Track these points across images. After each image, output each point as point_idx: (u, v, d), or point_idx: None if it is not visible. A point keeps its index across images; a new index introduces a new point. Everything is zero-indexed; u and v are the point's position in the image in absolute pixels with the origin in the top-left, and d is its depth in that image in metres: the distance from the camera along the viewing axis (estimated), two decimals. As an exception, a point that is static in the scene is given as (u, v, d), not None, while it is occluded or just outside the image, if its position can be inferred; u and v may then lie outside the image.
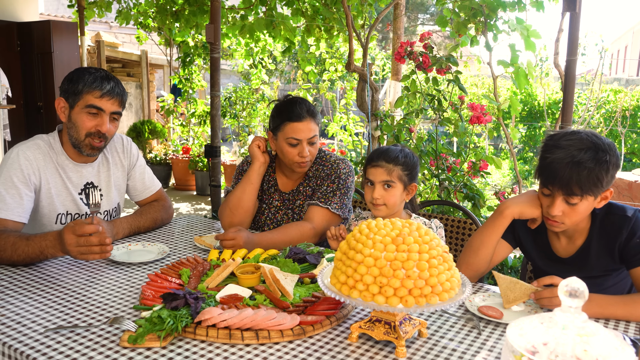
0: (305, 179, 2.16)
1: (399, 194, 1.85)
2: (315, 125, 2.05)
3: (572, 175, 1.43)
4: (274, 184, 2.20)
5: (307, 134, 2.01)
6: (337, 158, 2.15)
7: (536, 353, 0.78)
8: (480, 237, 1.66)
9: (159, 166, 7.31)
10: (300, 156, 2.02)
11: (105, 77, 1.88)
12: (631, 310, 1.39)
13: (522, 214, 1.61)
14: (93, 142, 1.90)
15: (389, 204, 1.85)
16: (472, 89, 10.10)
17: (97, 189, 2.04)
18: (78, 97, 1.86)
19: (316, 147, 2.08)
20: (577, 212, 1.50)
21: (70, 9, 6.79)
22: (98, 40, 8.18)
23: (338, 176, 2.08)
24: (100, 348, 1.16)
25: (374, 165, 1.85)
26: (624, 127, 7.81)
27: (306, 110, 2.02)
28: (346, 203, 2.08)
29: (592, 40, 6.17)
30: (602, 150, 1.44)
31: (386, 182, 1.83)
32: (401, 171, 1.83)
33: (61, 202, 1.95)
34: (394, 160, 1.83)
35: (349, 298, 1.16)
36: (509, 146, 3.56)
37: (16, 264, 1.67)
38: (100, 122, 1.88)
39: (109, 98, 1.87)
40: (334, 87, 7.78)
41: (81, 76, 1.86)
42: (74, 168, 1.97)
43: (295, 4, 4.91)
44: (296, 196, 2.16)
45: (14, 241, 1.64)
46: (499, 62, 3.07)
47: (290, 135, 2.01)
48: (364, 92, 4.01)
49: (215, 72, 4.03)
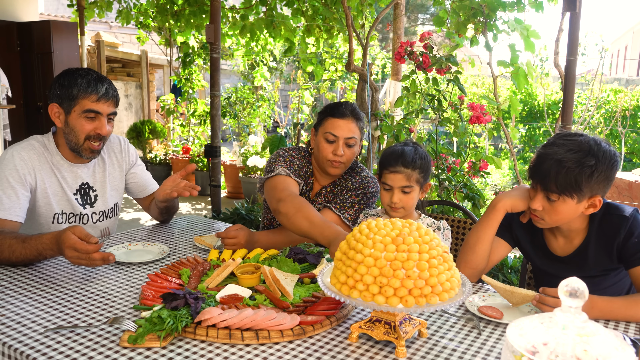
0: (331, 183, 2.11)
1: (417, 195, 1.85)
2: (357, 128, 2.00)
3: (550, 171, 1.47)
4: (310, 188, 2.13)
5: (346, 133, 1.97)
6: (368, 174, 2.10)
7: (536, 353, 0.78)
8: (476, 233, 1.67)
9: (159, 166, 7.31)
10: (334, 154, 1.97)
11: (99, 79, 1.87)
12: (633, 312, 1.39)
13: (514, 207, 1.63)
14: (92, 145, 1.90)
15: (407, 207, 1.84)
16: (472, 89, 10.10)
17: (92, 189, 2.04)
18: (74, 102, 1.85)
19: (353, 152, 2.02)
20: (556, 211, 1.51)
21: (70, 9, 6.79)
22: (98, 40, 8.18)
23: (364, 193, 2.04)
24: (100, 348, 1.16)
25: (393, 171, 1.81)
26: (624, 127, 7.82)
27: (350, 110, 2.00)
28: (359, 220, 2.02)
29: (592, 40, 6.18)
30: (592, 155, 1.45)
31: (405, 187, 1.81)
32: (418, 174, 1.81)
33: (57, 201, 1.95)
34: (412, 165, 1.80)
35: (349, 298, 1.16)
36: (508, 146, 3.56)
37: (15, 265, 1.67)
38: (98, 125, 1.88)
39: (105, 100, 1.87)
40: (334, 87, 7.78)
41: (73, 80, 1.84)
42: (68, 168, 1.97)
43: (295, 4, 4.91)
44: (316, 199, 2.11)
45: (10, 243, 1.64)
46: (499, 63, 3.07)
47: (328, 129, 1.98)
48: (363, 92, 4.01)
49: (215, 72, 4.03)
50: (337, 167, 2.00)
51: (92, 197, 2.04)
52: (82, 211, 2.02)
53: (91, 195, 2.04)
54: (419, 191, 1.86)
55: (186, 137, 7.79)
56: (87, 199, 2.03)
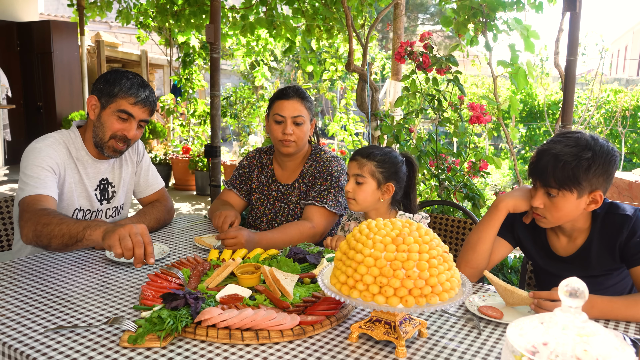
0: (300, 175, 2.19)
1: (371, 190, 1.83)
2: (303, 107, 2.10)
3: (547, 166, 1.48)
4: (272, 175, 2.25)
5: (292, 112, 2.08)
6: (330, 155, 2.18)
7: (536, 353, 0.78)
8: (478, 233, 1.67)
9: (159, 166, 7.30)
10: (283, 133, 2.07)
11: (142, 85, 1.92)
12: (633, 312, 1.39)
13: (517, 207, 1.63)
14: (116, 145, 1.93)
15: (358, 199, 1.84)
16: (472, 89, 10.10)
17: (110, 185, 2.08)
18: (112, 99, 1.89)
19: (302, 130, 2.11)
20: (557, 208, 1.51)
21: (70, 9, 6.79)
22: (98, 40, 8.18)
23: (330, 174, 2.11)
24: (100, 348, 1.16)
25: (351, 160, 1.88)
26: (624, 127, 7.81)
27: (295, 91, 2.11)
28: (341, 200, 2.11)
29: (592, 40, 6.17)
30: (589, 149, 1.46)
31: (357, 176, 1.83)
32: (374, 167, 1.82)
33: (78, 197, 1.98)
34: (368, 156, 1.83)
35: (349, 298, 1.16)
36: (508, 146, 3.56)
37: (52, 245, 1.65)
38: (128, 127, 1.92)
39: (141, 106, 1.91)
40: (334, 87, 7.78)
41: (118, 79, 1.89)
42: (92, 164, 2.01)
43: (295, 4, 4.91)
44: (291, 192, 2.20)
45: (62, 217, 1.65)
46: (499, 63, 3.07)
47: (276, 111, 2.11)
48: (363, 92, 4.01)
49: (215, 72, 4.03)
50: (288, 145, 2.10)
51: (110, 192, 2.08)
52: (99, 207, 2.05)
53: (109, 191, 2.08)
54: (376, 188, 1.84)
55: (186, 137, 7.79)
56: (105, 194, 2.07)
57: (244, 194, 2.28)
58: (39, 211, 1.70)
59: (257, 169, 2.29)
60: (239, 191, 2.28)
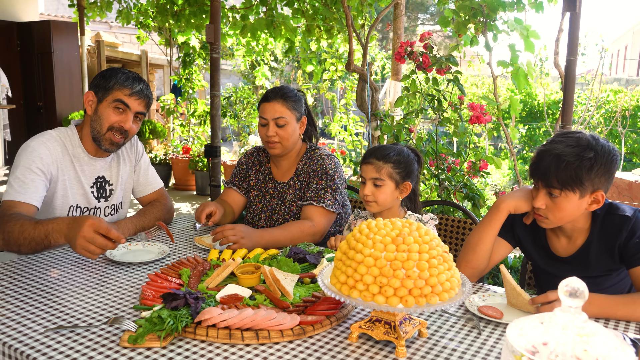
0: (295, 173, 2.22)
1: (390, 191, 1.85)
2: (285, 108, 2.11)
3: (550, 167, 1.47)
4: (269, 172, 2.28)
5: (272, 114, 2.10)
6: (323, 153, 2.19)
7: (536, 353, 0.78)
8: (478, 233, 1.67)
9: (159, 166, 7.30)
10: (267, 135, 2.11)
11: (137, 79, 1.97)
12: (631, 310, 1.39)
13: (518, 208, 1.63)
14: (114, 137, 1.95)
15: (379, 201, 1.85)
16: (472, 89, 10.10)
17: (108, 183, 2.09)
18: (108, 92, 1.93)
19: (286, 130, 2.11)
20: (559, 208, 1.51)
21: (70, 9, 6.79)
22: (98, 40, 8.18)
23: (325, 172, 2.12)
24: (100, 348, 1.16)
25: (365, 163, 1.87)
26: (624, 127, 7.82)
27: (277, 92, 2.13)
28: (338, 198, 2.12)
29: (592, 40, 6.17)
30: (591, 149, 1.46)
31: (375, 179, 1.84)
32: (392, 169, 1.83)
33: (73, 194, 1.99)
34: (384, 158, 1.84)
35: (349, 298, 1.16)
36: (508, 146, 3.56)
37: (22, 251, 1.67)
38: (124, 118, 1.94)
39: (137, 97, 1.94)
40: (334, 87, 7.78)
41: (114, 74, 1.94)
42: (89, 161, 2.02)
43: (295, 4, 4.91)
44: (287, 190, 2.21)
45: (22, 223, 1.66)
46: (499, 63, 3.07)
47: (260, 114, 2.15)
48: (364, 92, 4.01)
49: (215, 72, 4.03)
50: (273, 147, 2.13)
51: (107, 190, 2.09)
52: (97, 204, 2.06)
53: (107, 189, 2.09)
54: (395, 188, 1.86)
55: (186, 137, 7.79)
56: (102, 192, 2.08)
57: (243, 190, 2.30)
58: (6, 217, 1.71)
59: (254, 166, 2.31)
60: (239, 188, 2.30)
